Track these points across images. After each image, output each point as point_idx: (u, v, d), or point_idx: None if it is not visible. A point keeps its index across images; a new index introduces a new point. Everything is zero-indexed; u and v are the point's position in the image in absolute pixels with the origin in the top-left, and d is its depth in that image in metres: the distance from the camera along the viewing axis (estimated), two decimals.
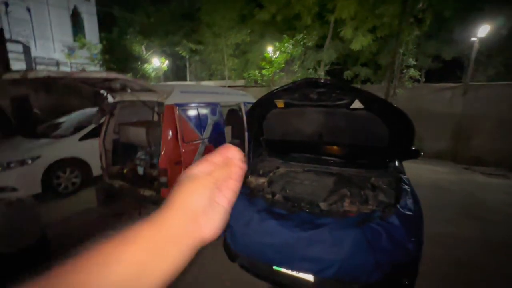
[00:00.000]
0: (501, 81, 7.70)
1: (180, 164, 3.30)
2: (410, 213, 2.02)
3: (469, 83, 7.36)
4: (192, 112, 3.57)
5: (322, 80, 2.11)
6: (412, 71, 7.75)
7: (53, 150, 4.40)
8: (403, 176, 2.46)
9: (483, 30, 7.05)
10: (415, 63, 7.98)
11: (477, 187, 5.45)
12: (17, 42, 17.48)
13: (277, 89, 2.38)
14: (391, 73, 7.63)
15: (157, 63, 14.70)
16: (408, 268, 1.95)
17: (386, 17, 7.71)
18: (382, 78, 10.61)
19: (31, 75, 2.28)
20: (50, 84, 7.11)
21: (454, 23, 9.62)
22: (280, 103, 2.53)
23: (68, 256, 0.29)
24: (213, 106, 4.00)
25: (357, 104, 2.21)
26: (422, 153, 3.03)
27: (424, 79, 13.49)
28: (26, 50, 18.00)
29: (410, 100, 8.01)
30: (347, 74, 12.38)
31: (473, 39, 7.32)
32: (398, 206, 2.04)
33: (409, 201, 2.12)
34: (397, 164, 2.70)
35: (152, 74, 14.38)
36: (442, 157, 7.75)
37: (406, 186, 2.31)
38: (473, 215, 4.10)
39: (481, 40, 7.84)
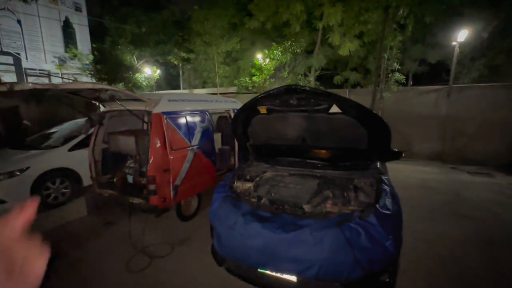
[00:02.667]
0: (485, 83, 7.98)
1: (169, 171, 3.34)
2: (389, 212, 2.09)
3: (452, 86, 7.60)
4: (180, 120, 3.63)
5: (300, 87, 2.20)
6: (397, 75, 7.99)
7: (43, 161, 4.39)
8: (383, 177, 2.55)
9: (462, 35, 7.33)
10: (400, 67, 8.22)
11: (463, 186, 5.59)
12: (8, 53, 17.43)
13: (259, 95, 2.47)
14: (377, 77, 7.84)
15: (149, 72, 14.78)
16: (387, 265, 2.02)
17: (371, 23, 7.97)
18: (371, 82, 10.88)
19: (17, 87, 2.32)
20: (40, 95, 7.11)
21: (438, 28, 9.98)
22: (262, 109, 2.62)
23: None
24: (201, 113, 4.08)
25: (334, 108, 2.31)
26: (403, 154, 3.15)
27: (412, 82, 13.86)
28: (17, 62, 17.94)
29: (397, 103, 8.22)
30: (337, 79, 12.67)
31: (453, 43, 7.60)
32: (377, 206, 2.11)
33: (388, 201, 2.19)
34: (378, 166, 2.79)
35: (144, 83, 14.43)
36: (430, 158, 7.93)
37: (386, 187, 2.39)
38: (459, 213, 4.21)
39: (464, 44, 8.14)
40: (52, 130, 5.61)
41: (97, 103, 5.51)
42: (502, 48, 10.14)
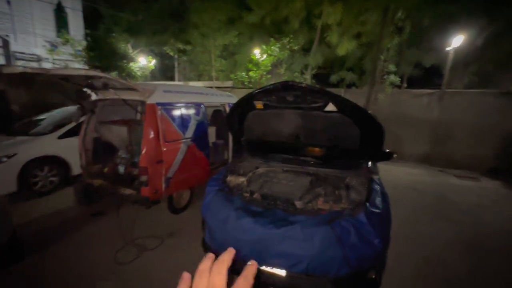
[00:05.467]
0: (477, 89, 8.15)
1: (162, 163, 3.31)
2: (378, 211, 2.13)
3: (445, 90, 7.74)
4: (174, 112, 3.59)
5: (297, 84, 2.20)
6: (392, 77, 8.07)
7: (31, 148, 4.28)
8: (374, 177, 2.59)
9: (457, 40, 7.45)
10: (395, 69, 8.30)
11: (450, 189, 5.73)
12: None
13: (256, 91, 2.46)
14: (373, 78, 7.92)
15: (144, 62, 14.49)
16: (375, 262, 2.06)
17: (369, 24, 8.01)
18: (366, 82, 10.96)
19: (6, 70, 2.24)
20: (30, 80, 6.90)
21: (433, 32, 10.09)
22: (259, 105, 2.61)
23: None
24: (196, 106, 4.03)
25: (330, 107, 2.32)
26: (395, 155, 3.19)
27: (406, 85, 14.03)
28: (5, 44, 17.30)
29: (390, 105, 8.33)
30: (333, 78, 12.70)
31: (448, 48, 7.72)
32: (367, 204, 2.15)
33: (378, 200, 2.23)
34: (370, 165, 2.83)
35: (139, 73, 14.16)
36: (419, 160, 8.09)
37: (376, 186, 2.43)
38: (444, 215, 4.31)
39: (458, 50, 8.27)
40: (42, 116, 5.47)
41: (89, 91, 5.38)
42: (495, 56, 10.33)
